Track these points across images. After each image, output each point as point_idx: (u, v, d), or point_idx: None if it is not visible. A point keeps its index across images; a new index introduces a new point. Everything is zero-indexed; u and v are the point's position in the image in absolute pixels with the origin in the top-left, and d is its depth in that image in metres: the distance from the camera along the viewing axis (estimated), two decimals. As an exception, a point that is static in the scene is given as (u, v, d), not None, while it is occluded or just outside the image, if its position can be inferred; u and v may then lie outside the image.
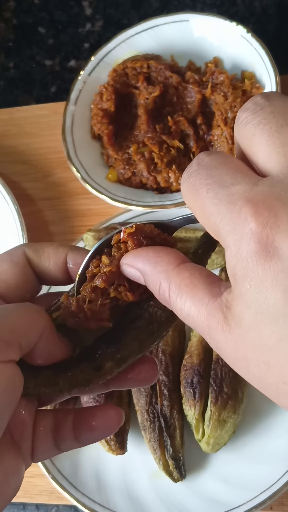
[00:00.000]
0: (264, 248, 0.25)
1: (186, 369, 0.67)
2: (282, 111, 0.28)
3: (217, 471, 0.67)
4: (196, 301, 0.30)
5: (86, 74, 0.88)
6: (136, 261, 0.34)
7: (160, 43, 0.88)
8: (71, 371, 0.36)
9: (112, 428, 0.39)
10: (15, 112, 0.95)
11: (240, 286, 0.27)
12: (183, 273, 0.31)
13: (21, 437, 0.37)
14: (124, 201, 0.79)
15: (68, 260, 0.40)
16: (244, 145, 0.30)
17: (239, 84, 0.80)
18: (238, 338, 0.28)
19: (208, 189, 0.28)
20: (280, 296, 0.25)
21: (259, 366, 0.27)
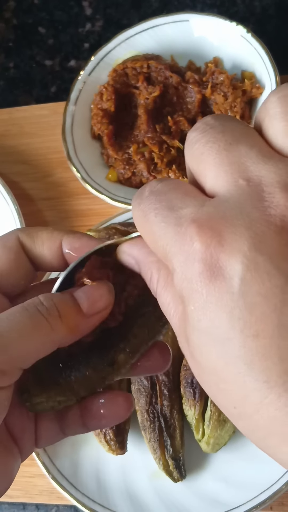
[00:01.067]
0: (209, 268, 0.25)
1: (186, 369, 0.67)
2: (232, 130, 0.28)
3: (217, 471, 0.67)
4: (176, 300, 0.29)
5: (86, 74, 0.88)
6: (132, 249, 0.34)
7: (160, 43, 0.88)
8: (81, 372, 0.35)
9: (122, 417, 0.38)
10: (15, 112, 0.95)
11: (186, 308, 0.26)
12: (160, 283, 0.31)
13: (21, 431, 0.36)
14: (124, 201, 0.79)
15: (64, 245, 0.38)
16: (193, 166, 0.29)
17: (239, 84, 0.80)
18: (192, 357, 0.27)
19: (156, 214, 0.28)
20: (225, 317, 0.24)
21: (212, 388, 0.27)
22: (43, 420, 0.38)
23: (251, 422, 0.25)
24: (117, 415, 0.38)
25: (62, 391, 0.35)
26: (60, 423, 0.38)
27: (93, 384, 0.36)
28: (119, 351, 0.36)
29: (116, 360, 0.36)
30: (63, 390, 0.35)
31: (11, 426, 0.36)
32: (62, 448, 0.71)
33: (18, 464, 0.36)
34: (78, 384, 0.35)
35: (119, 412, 0.38)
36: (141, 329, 0.36)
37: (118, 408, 0.38)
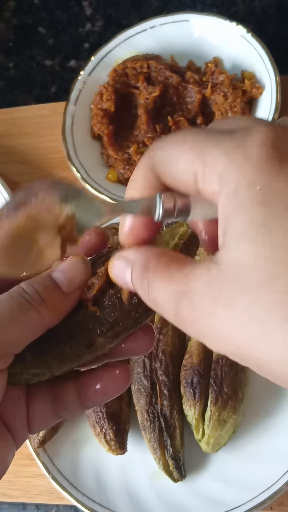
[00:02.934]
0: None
1: (186, 369, 0.67)
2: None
3: (217, 471, 0.67)
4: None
5: (86, 74, 0.88)
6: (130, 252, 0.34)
7: (160, 43, 0.88)
8: (58, 348, 0.36)
9: (121, 388, 0.38)
10: (15, 112, 0.95)
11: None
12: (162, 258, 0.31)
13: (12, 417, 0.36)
14: (124, 201, 0.78)
15: None
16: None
17: (239, 84, 0.80)
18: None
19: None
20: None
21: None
22: (35, 404, 0.38)
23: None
24: (115, 388, 0.38)
25: (37, 364, 0.36)
26: (54, 406, 0.38)
27: (67, 361, 0.36)
28: (100, 334, 0.36)
29: (94, 343, 0.36)
30: (37, 363, 0.36)
31: (2, 412, 0.36)
32: (62, 448, 0.71)
33: (13, 451, 0.36)
34: (52, 358, 0.36)
35: (117, 384, 0.38)
36: (127, 316, 0.36)
37: (115, 381, 0.38)
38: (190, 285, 0.28)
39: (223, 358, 0.66)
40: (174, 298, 0.29)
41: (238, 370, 0.66)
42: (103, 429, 0.67)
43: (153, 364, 0.68)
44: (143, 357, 0.68)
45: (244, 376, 0.67)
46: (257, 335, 0.25)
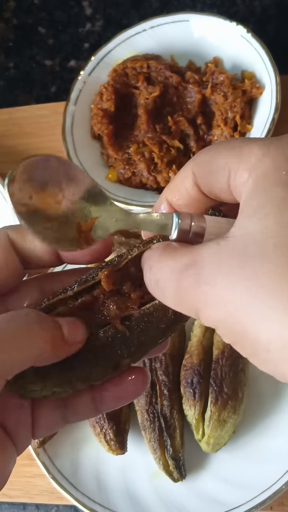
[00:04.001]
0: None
1: (186, 369, 0.67)
2: None
3: (217, 471, 0.67)
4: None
5: (86, 74, 0.88)
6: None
7: (160, 43, 0.88)
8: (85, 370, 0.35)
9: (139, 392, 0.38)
10: (15, 112, 0.95)
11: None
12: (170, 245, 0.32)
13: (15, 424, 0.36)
14: (124, 201, 0.79)
15: None
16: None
17: (239, 84, 0.80)
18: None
19: None
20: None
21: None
22: (42, 411, 0.37)
23: None
24: (133, 392, 0.38)
25: (60, 383, 0.35)
26: (63, 411, 0.38)
27: (92, 380, 0.36)
28: (127, 356, 0.36)
29: (120, 364, 0.36)
30: (61, 382, 0.35)
31: (4, 419, 0.36)
32: (62, 448, 0.71)
33: (14, 460, 0.36)
34: (76, 379, 0.36)
35: (134, 388, 0.38)
36: (152, 339, 0.36)
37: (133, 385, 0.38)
38: (197, 256, 0.29)
39: (223, 358, 0.66)
40: (179, 270, 0.29)
41: (238, 370, 0.66)
42: (103, 429, 0.67)
43: (153, 364, 0.68)
44: (143, 357, 0.68)
45: (244, 376, 0.67)
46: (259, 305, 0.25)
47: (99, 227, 0.34)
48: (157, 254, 0.32)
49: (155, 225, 0.34)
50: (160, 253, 0.32)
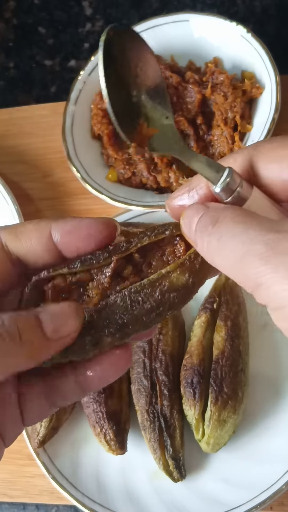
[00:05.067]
0: None
1: (186, 369, 0.67)
2: None
3: (217, 471, 0.67)
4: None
5: (86, 74, 0.88)
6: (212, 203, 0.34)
7: (160, 43, 0.88)
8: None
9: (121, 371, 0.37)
10: (15, 112, 0.95)
11: None
12: (239, 213, 0.31)
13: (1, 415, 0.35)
14: (124, 201, 0.79)
15: (54, 233, 0.36)
16: None
17: (239, 84, 0.80)
18: None
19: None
20: None
21: None
22: (28, 398, 0.37)
23: None
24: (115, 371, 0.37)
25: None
26: (49, 396, 0.37)
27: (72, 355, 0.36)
28: (108, 334, 0.35)
29: (100, 342, 0.36)
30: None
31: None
32: (62, 448, 0.71)
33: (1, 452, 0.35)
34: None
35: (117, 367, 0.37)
36: (137, 320, 0.36)
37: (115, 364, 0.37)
38: (284, 227, 0.28)
39: (223, 358, 0.66)
40: (255, 236, 0.29)
41: (238, 370, 0.66)
42: (103, 429, 0.67)
43: (153, 364, 0.68)
44: (143, 357, 0.68)
45: (244, 376, 0.67)
46: None
47: (155, 141, 0.34)
48: (231, 209, 0.31)
49: (205, 167, 0.33)
50: (236, 211, 0.31)
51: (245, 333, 0.69)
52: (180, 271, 0.36)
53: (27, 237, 0.36)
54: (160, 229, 0.37)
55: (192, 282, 0.36)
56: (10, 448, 0.80)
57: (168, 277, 0.36)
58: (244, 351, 0.68)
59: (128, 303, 0.36)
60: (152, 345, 0.69)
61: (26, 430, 0.70)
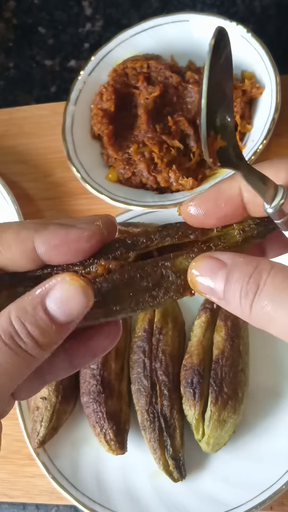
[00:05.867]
0: None
1: (186, 369, 0.67)
2: None
3: (217, 471, 0.67)
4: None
5: (86, 74, 0.88)
6: (222, 254, 0.33)
7: (160, 43, 0.88)
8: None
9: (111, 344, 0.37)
10: (15, 112, 0.95)
11: None
12: (278, 276, 0.30)
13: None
14: (124, 201, 0.79)
15: (38, 246, 0.34)
16: None
17: (239, 84, 0.80)
18: None
19: None
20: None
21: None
22: None
23: None
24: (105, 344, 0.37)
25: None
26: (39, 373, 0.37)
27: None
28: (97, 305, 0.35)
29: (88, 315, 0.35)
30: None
31: None
32: (62, 448, 0.71)
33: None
34: None
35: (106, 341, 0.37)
36: (129, 298, 0.35)
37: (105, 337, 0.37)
38: None
39: (223, 358, 0.66)
40: None
41: (238, 370, 0.66)
42: (103, 429, 0.67)
43: (153, 364, 0.68)
44: (143, 357, 0.68)
45: (244, 376, 0.67)
46: None
47: (222, 154, 0.32)
48: (278, 277, 0.30)
49: (260, 184, 0.32)
50: (271, 280, 0.30)
51: (245, 333, 0.69)
52: (186, 256, 0.35)
53: (7, 246, 0.34)
54: (185, 231, 0.36)
55: None
56: (10, 448, 0.80)
57: (172, 260, 0.35)
58: (244, 351, 0.68)
59: (125, 277, 0.35)
60: (152, 345, 0.69)
61: (26, 430, 0.70)
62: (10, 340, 0.32)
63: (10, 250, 0.34)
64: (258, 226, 0.36)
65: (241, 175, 0.33)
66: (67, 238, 0.33)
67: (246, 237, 0.36)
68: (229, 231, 0.36)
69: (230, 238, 0.36)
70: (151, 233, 0.37)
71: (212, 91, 0.30)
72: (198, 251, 0.35)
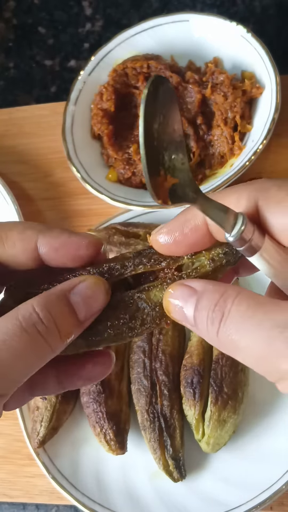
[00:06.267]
0: None
1: (186, 369, 0.67)
2: None
3: (217, 471, 0.67)
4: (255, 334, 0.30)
5: (86, 74, 0.88)
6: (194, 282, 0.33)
7: (160, 43, 0.88)
8: None
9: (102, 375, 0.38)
10: (15, 112, 0.95)
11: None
12: (243, 304, 0.31)
13: None
14: (124, 201, 0.78)
15: (40, 246, 0.35)
16: None
17: (239, 84, 0.80)
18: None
19: None
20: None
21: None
22: None
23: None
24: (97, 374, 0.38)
25: None
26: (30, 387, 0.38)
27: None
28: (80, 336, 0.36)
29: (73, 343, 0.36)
30: None
31: None
32: (62, 448, 0.71)
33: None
34: None
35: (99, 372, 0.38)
36: (109, 330, 0.36)
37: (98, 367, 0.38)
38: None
39: (223, 358, 0.66)
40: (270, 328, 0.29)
41: (238, 370, 0.66)
42: (103, 429, 0.67)
43: (153, 364, 0.68)
44: (143, 357, 0.68)
45: (244, 376, 0.67)
46: None
47: (175, 191, 0.33)
48: (233, 306, 0.31)
49: (219, 214, 0.33)
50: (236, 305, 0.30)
51: (245, 333, 0.69)
52: (160, 288, 0.36)
53: (12, 244, 0.35)
54: (157, 259, 0.37)
55: None
56: (10, 448, 0.80)
57: (147, 292, 0.36)
58: (244, 351, 0.68)
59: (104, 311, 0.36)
60: (152, 345, 0.69)
61: (26, 430, 0.70)
62: (31, 328, 0.32)
63: (14, 248, 0.35)
64: (226, 255, 0.36)
65: (198, 208, 0.33)
66: (68, 242, 0.35)
67: (216, 267, 0.36)
68: (200, 258, 0.37)
69: (201, 267, 0.36)
70: (126, 259, 0.38)
71: (154, 133, 0.31)
72: (171, 282, 0.36)
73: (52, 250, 0.35)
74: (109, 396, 0.68)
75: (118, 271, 0.37)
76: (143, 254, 0.38)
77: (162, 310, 0.36)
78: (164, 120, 0.32)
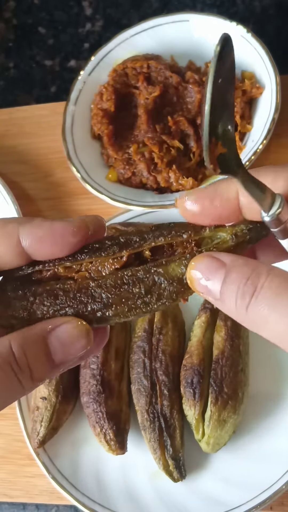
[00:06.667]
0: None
1: (186, 369, 0.67)
2: None
3: (217, 471, 0.67)
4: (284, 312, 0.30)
5: (86, 74, 0.88)
6: (222, 255, 0.33)
7: (160, 43, 0.88)
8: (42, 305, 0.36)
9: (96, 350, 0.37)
10: (15, 112, 0.95)
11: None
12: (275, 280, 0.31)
13: None
14: (124, 201, 0.79)
15: (23, 239, 0.34)
16: None
17: (239, 84, 0.80)
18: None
19: None
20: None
21: None
22: None
23: None
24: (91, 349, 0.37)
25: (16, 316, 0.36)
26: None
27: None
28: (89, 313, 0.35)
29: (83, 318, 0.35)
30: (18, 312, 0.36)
31: None
32: (62, 448, 0.71)
33: None
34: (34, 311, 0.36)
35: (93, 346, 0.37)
36: (121, 304, 0.35)
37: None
38: None
39: (223, 358, 0.66)
40: None
41: (238, 370, 0.66)
42: (103, 429, 0.67)
43: (153, 364, 0.68)
44: (143, 357, 0.68)
45: (244, 376, 0.67)
46: None
47: (222, 162, 0.32)
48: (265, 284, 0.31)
49: (258, 192, 0.32)
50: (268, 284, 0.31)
51: (245, 333, 0.69)
52: (179, 262, 0.35)
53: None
54: (178, 231, 0.36)
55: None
56: (10, 448, 0.80)
57: (164, 266, 0.35)
58: (244, 351, 0.68)
59: (118, 283, 0.35)
60: (152, 345, 0.69)
61: (26, 430, 0.70)
62: (6, 366, 0.32)
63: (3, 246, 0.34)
64: (250, 232, 0.35)
65: (239, 182, 0.33)
66: (51, 229, 0.34)
67: (238, 243, 0.35)
68: (221, 233, 0.36)
69: (222, 243, 0.36)
70: (145, 232, 0.37)
71: (216, 97, 0.30)
72: (191, 257, 0.35)
73: (35, 240, 0.34)
74: (109, 396, 0.68)
75: (137, 242, 0.36)
76: (162, 227, 0.37)
77: (180, 285, 0.35)
78: (225, 84, 0.31)
